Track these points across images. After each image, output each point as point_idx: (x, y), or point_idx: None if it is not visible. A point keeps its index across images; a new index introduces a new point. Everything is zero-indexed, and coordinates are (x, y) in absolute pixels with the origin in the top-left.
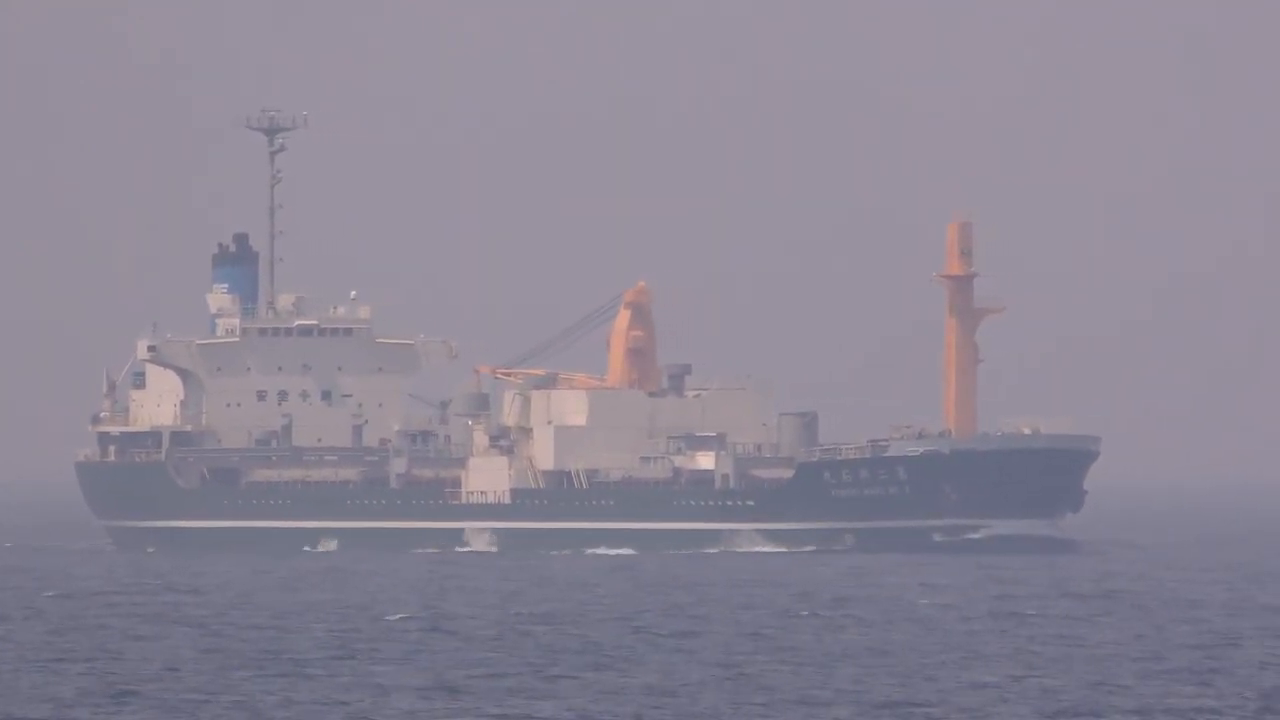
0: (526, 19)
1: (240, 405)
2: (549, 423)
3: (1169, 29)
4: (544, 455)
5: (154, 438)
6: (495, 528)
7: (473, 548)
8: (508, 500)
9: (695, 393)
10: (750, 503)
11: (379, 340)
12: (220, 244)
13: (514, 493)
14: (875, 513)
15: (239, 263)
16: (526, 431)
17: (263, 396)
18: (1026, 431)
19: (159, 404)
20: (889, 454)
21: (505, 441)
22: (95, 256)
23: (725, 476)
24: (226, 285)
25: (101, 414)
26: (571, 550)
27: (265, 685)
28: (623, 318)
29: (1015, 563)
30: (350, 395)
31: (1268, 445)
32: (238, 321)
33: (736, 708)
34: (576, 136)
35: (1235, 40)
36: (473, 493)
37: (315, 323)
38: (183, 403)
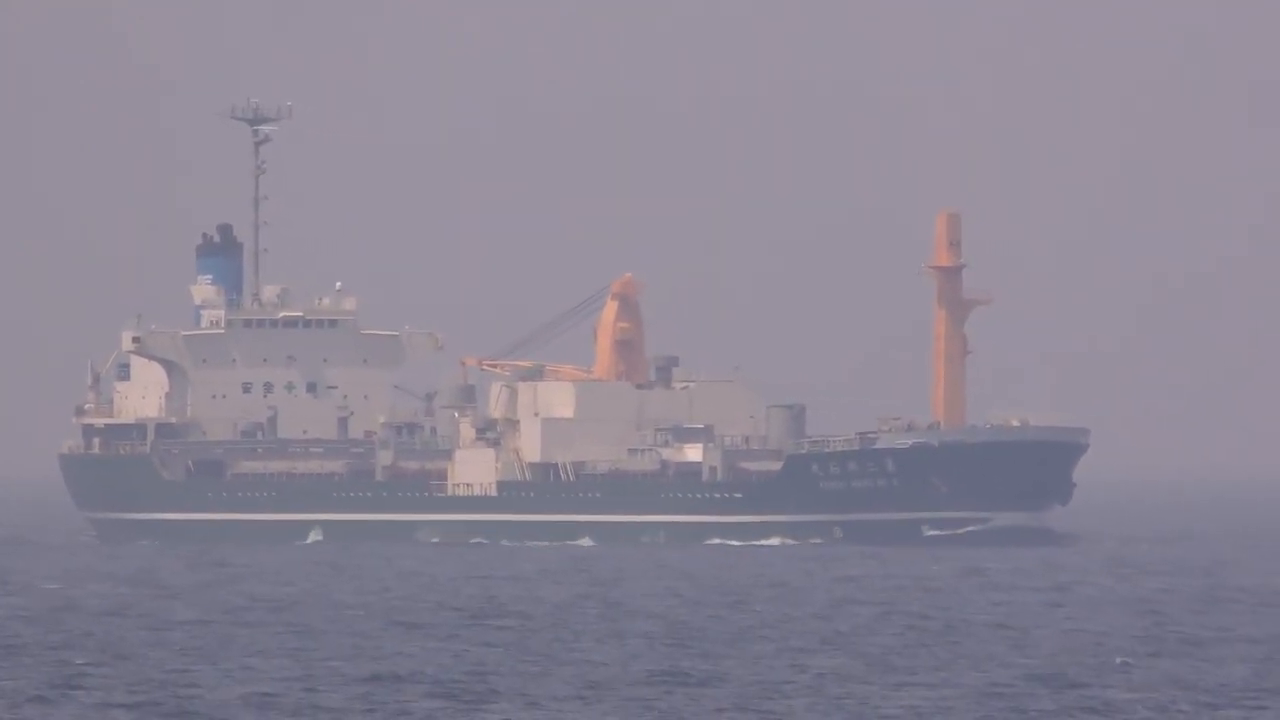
0: (520, 13)
1: (225, 397)
2: (536, 415)
3: (1168, 28)
4: (531, 447)
5: (139, 430)
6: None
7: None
8: (494, 493)
9: (683, 385)
10: (738, 495)
11: (364, 332)
12: (204, 235)
13: (500, 485)
14: (864, 505)
15: (223, 254)
16: (513, 423)
17: (248, 388)
18: (1015, 424)
19: (144, 396)
20: (878, 446)
21: (492, 434)
22: (79, 248)
23: (713, 469)
24: (211, 276)
25: (86, 406)
26: (556, 542)
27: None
28: (610, 309)
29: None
30: (335, 387)
31: (1267, 440)
32: (222, 313)
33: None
34: (567, 130)
35: (1235, 39)
36: (459, 485)
37: (300, 314)
38: (167, 394)
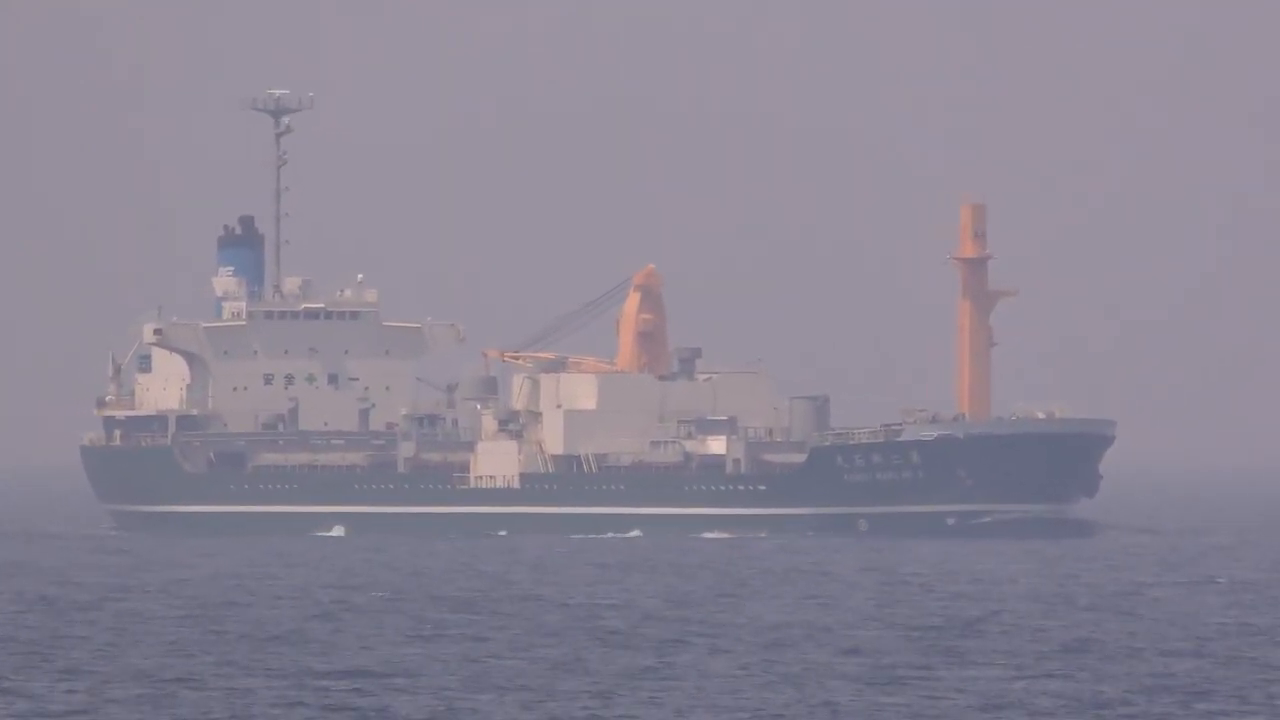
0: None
1: (246, 389)
2: (558, 407)
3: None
4: (553, 439)
5: (160, 422)
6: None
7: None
8: (516, 485)
9: (706, 376)
10: (762, 487)
11: (386, 324)
12: (226, 226)
13: (523, 477)
14: (888, 497)
15: (245, 246)
16: (535, 415)
17: (269, 380)
18: (1041, 416)
19: (165, 388)
20: (902, 438)
21: (514, 426)
22: (101, 240)
23: (736, 461)
24: (232, 268)
25: (107, 398)
26: (582, 535)
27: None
28: (632, 301)
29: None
30: (357, 379)
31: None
32: (244, 305)
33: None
34: (591, 120)
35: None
36: (481, 477)
37: (322, 306)
38: (188, 386)
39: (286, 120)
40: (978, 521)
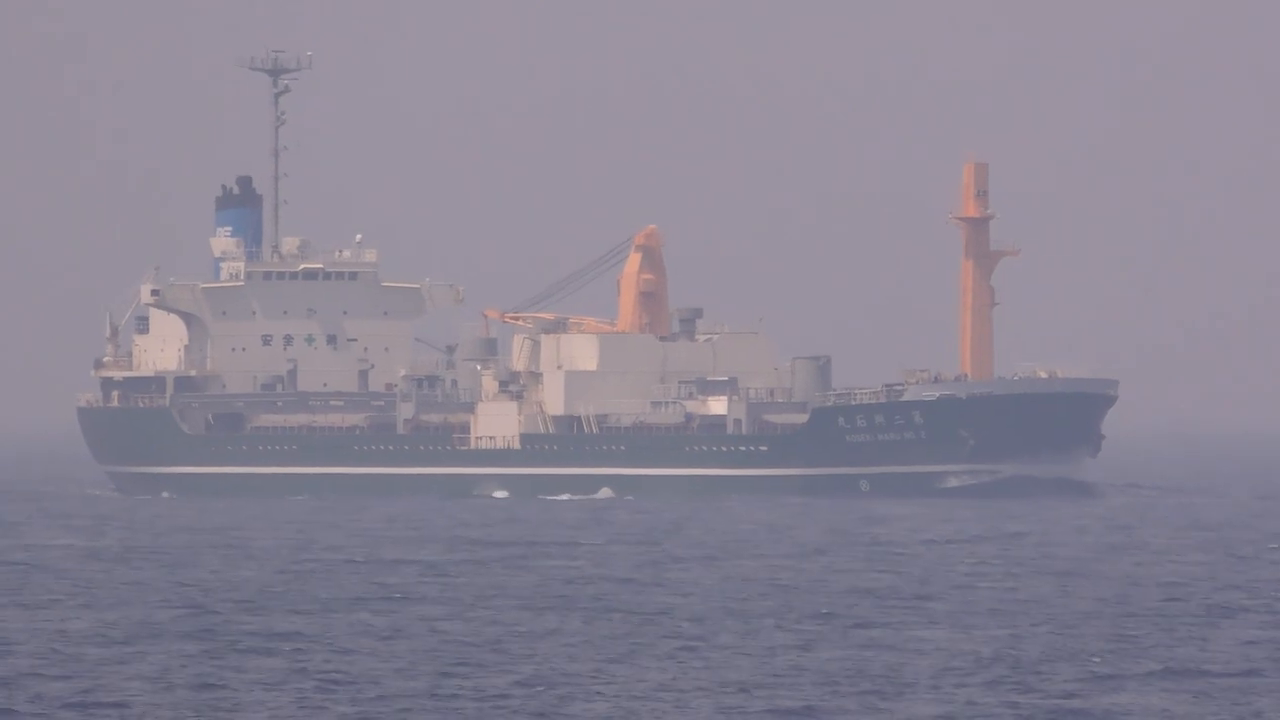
0: None
1: (245, 349)
2: (559, 367)
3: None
4: (554, 400)
5: (158, 383)
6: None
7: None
8: (517, 446)
9: (707, 337)
10: (763, 448)
11: (385, 284)
12: (224, 186)
13: (524, 438)
14: (890, 458)
15: (243, 205)
16: (536, 376)
17: (268, 340)
18: (1043, 375)
19: (163, 349)
20: (905, 399)
21: (514, 386)
22: (98, 200)
23: (738, 421)
24: (230, 228)
25: (104, 359)
26: (580, 495)
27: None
28: (633, 261)
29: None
30: (356, 339)
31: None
32: (242, 265)
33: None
34: (590, 79)
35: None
36: (481, 438)
37: (320, 266)
38: (187, 347)
39: (285, 80)
40: (980, 482)
